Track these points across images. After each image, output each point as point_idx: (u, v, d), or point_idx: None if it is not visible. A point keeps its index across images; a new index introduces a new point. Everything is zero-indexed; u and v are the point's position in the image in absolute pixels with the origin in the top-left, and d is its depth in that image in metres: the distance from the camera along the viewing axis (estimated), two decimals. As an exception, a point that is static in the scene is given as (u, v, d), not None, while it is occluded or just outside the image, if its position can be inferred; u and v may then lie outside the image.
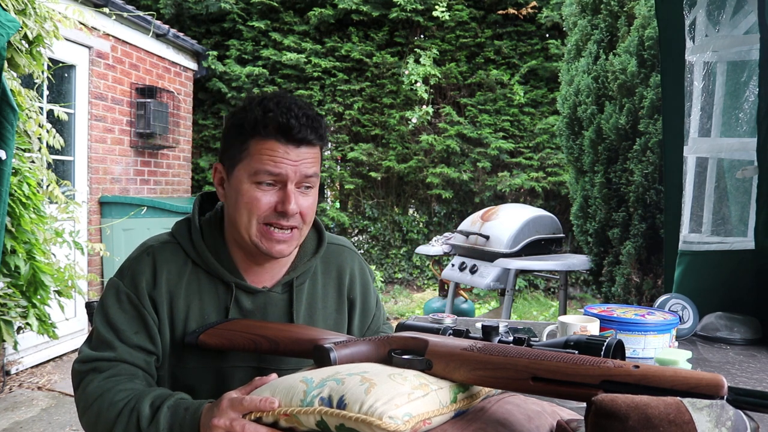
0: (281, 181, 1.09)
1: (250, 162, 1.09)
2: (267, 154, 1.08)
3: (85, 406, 1.07)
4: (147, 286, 1.13)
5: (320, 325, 1.23)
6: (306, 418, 0.82)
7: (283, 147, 1.08)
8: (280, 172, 1.08)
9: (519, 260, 4.04)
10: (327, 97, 7.16)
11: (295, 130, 1.07)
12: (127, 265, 1.17)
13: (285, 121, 1.07)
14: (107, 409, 1.04)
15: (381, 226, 7.30)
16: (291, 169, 1.08)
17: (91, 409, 1.06)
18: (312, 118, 1.09)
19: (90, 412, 1.06)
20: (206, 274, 1.17)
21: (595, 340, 0.83)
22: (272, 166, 1.07)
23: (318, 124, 1.10)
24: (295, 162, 1.09)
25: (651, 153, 3.87)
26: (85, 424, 1.08)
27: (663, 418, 0.66)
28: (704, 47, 2.53)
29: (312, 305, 1.23)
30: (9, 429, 3.06)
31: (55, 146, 3.14)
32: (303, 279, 1.23)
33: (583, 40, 4.47)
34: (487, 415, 0.88)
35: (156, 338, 1.13)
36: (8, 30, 2.06)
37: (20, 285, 2.70)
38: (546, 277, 5.99)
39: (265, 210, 1.10)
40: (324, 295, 1.25)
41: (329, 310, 1.26)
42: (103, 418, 1.04)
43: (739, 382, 1.52)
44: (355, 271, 1.29)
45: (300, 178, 1.10)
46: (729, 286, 2.21)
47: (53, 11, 2.90)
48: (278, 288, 1.20)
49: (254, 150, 1.09)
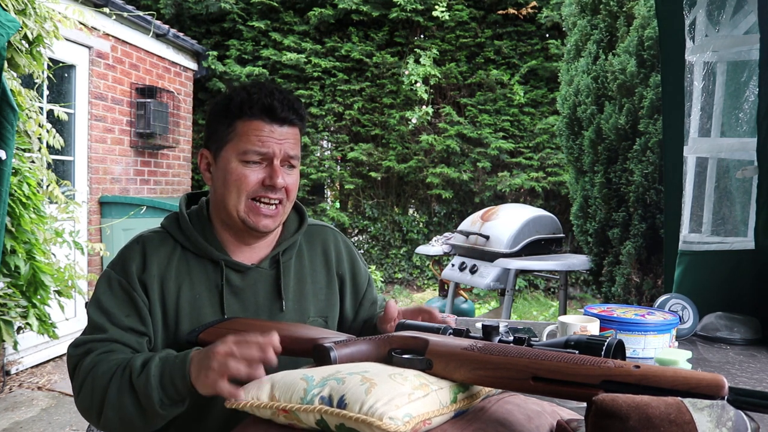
0: (268, 159, 1.16)
1: (238, 142, 1.16)
2: (254, 133, 1.15)
3: (80, 383, 1.08)
4: (137, 270, 1.17)
5: (311, 300, 1.26)
6: (306, 416, 0.82)
7: (269, 126, 1.16)
8: (267, 150, 1.15)
9: (519, 260, 4.04)
10: (327, 97, 7.16)
11: (279, 110, 1.15)
12: (119, 254, 1.21)
13: (269, 102, 1.15)
14: (101, 376, 1.05)
15: (381, 226, 7.30)
16: (277, 147, 1.16)
17: (85, 383, 1.07)
18: (292, 100, 1.18)
19: (85, 387, 1.07)
20: (195, 256, 1.21)
21: (596, 340, 0.83)
22: (259, 145, 1.15)
23: (298, 106, 1.19)
24: (280, 140, 1.16)
25: (651, 153, 3.87)
26: (81, 403, 1.09)
27: (664, 418, 0.66)
28: (704, 47, 2.53)
29: (301, 280, 1.27)
30: (9, 429, 3.06)
31: (55, 146, 3.14)
32: (289, 255, 1.27)
33: (583, 41, 4.47)
34: (487, 415, 0.88)
35: (147, 320, 1.15)
36: (8, 30, 2.06)
37: (20, 285, 2.70)
38: (546, 277, 5.99)
39: (253, 185, 1.16)
40: (312, 271, 1.29)
41: (319, 285, 1.29)
42: (98, 384, 1.05)
43: (739, 382, 1.52)
44: (340, 247, 1.34)
45: (284, 156, 1.17)
46: (729, 286, 2.21)
47: (53, 11, 2.90)
48: (266, 264, 1.24)
49: (241, 130, 1.16)
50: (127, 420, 1.04)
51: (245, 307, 1.20)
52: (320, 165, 7.23)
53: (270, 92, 1.16)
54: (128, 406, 1.03)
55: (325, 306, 1.28)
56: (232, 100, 1.17)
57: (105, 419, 1.05)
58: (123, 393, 1.03)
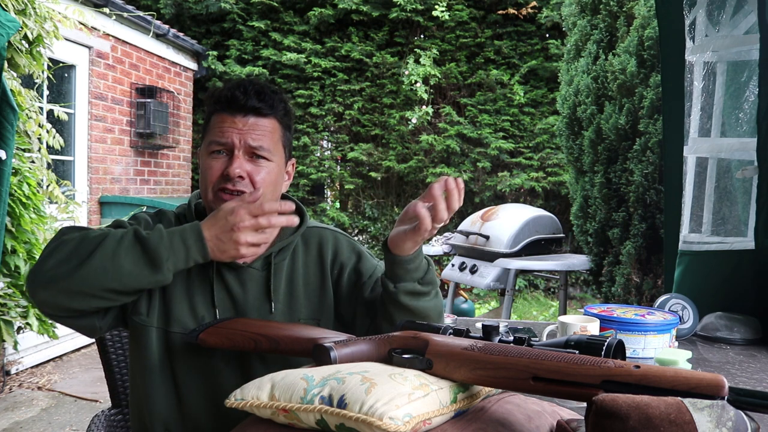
0: (228, 149, 1.16)
1: (207, 135, 1.19)
2: (218, 125, 1.17)
3: (61, 241, 1.06)
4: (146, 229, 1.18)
5: (302, 302, 1.23)
6: (305, 415, 0.82)
7: (230, 117, 1.16)
8: (225, 141, 1.15)
9: (519, 260, 4.04)
10: (327, 97, 7.16)
11: (240, 99, 1.15)
12: (134, 214, 1.24)
13: (230, 94, 1.16)
14: (94, 235, 1.05)
15: (381, 226, 7.30)
16: (236, 136, 1.15)
17: (68, 239, 1.05)
18: (260, 90, 1.17)
19: (67, 243, 1.05)
20: None
21: (596, 340, 0.83)
22: (219, 135, 1.16)
23: (266, 96, 1.17)
24: (241, 130, 1.15)
25: (651, 153, 3.87)
26: (55, 257, 1.04)
27: (664, 418, 0.66)
28: (704, 47, 2.53)
29: (292, 282, 1.23)
30: (9, 429, 3.06)
31: (55, 146, 3.14)
32: (283, 256, 1.24)
33: (583, 41, 4.47)
34: (487, 415, 0.88)
35: None
36: (8, 30, 2.06)
37: (20, 285, 2.70)
38: (546, 277, 5.99)
39: (215, 176, 1.16)
40: (305, 274, 1.25)
41: (311, 287, 1.25)
42: (89, 240, 1.04)
43: (739, 382, 1.52)
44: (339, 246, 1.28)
45: (246, 147, 1.15)
46: (729, 286, 2.21)
47: (53, 11, 2.90)
48: (258, 264, 1.22)
49: (211, 123, 1.19)
50: (112, 270, 1.02)
51: (235, 305, 1.20)
52: (320, 165, 7.23)
53: (238, 84, 1.17)
54: (123, 255, 1.02)
55: (317, 308, 1.24)
56: (212, 95, 1.19)
57: (88, 266, 1.02)
58: (122, 243, 1.03)
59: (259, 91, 1.16)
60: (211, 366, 1.18)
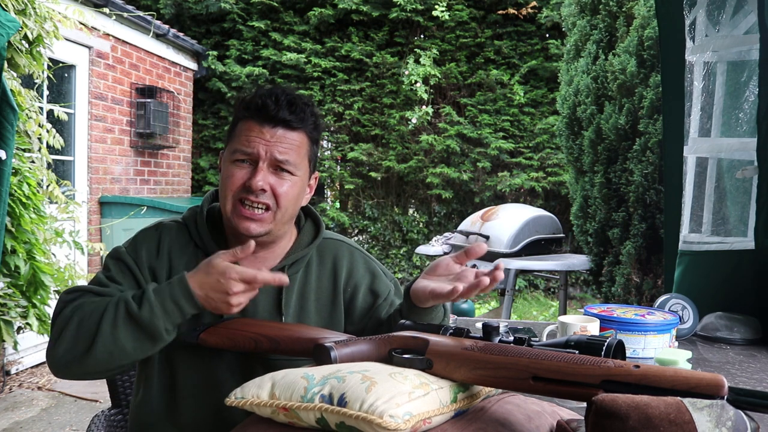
0: (253, 160, 1.13)
1: (233, 142, 1.15)
2: (245, 133, 1.13)
3: (65, 322, 1.07)
4: (148, 255, 1.18)
5: (313, 316, 1.21)
6: (306, 414, 0.82)
7: (259, 126, 1.12)
8: (251, 151, 1.12)
9: (519, 260, 4.04)
10: (327, 97, 7.16)
11: (271, 109, 1.11)
12: (135, 236, 1.22)
13: (262, 102, 1.12)
14: (90, 313, 1.06)
15: (381, 226, 7.30)
16: (263, 148, 1.12)
17: (71, 321, 1.06)
18: (293, 101, 1.13)
19: (70, 326, 1.06)
20: (205, 255, 1.18)
21: (596, 340, 0.83)
22: (245, 144, 1.12)
23: (298, 108, 1.13)
24: (268, 141, 1.12)
25: (651, 153, 3.87)
26: (66, 343, 1.06)
27: (663, 417, 0.66)
28: (704, 47, 2.53)
29: (304, 296, 1.22)
30: (9, 429, 3.06)
31: (55, 146, 3.14)
32: (296, 268, 1.22)
33: (582, 41, 4.47)
34: (487, 415, 0.88)
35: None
36: (8, 30, 2.06)
37: (20, 285, 2.70)
38: (546, 277, 5.99)
39: (237, 185, 1.13)
40: (318, 287, 1.23)
41: (322, 302, 1.23)
42: (88, 321, 1.05)
43: (739, 382, 1.52)
44: (354, 263, 1.26)
45: (272, 160, 1.12)
46: (729, 286, 2.21)
47: (53, 11, 2.90)
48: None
49: (237, 131, 1.15)
50: (118, 353, 1.04)
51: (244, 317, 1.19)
52: (320, 165, 7.23)
53: (271, 92, 1.13)
54: (122, 338, 1.03)
55: (327, 323, 1.22)
56: (242, 101, 1.16)
57: (94, 354, 1.04)
58: (117, 325, 1.03)
59: (291, 102, 1.13)
60: (211, 366, 1.17)
